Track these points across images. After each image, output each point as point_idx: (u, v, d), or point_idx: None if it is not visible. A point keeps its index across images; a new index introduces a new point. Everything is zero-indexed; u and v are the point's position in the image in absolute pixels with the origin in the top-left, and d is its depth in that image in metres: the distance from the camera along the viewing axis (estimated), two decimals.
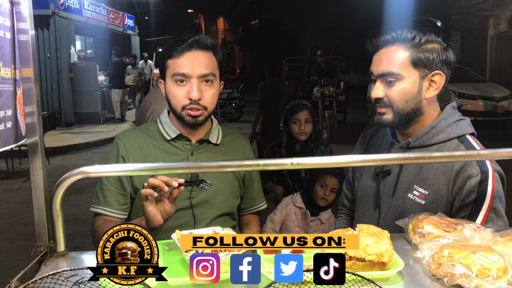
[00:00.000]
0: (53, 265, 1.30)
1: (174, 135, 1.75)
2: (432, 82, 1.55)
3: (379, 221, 1.64)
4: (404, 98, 1.53)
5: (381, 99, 1.55)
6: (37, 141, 1.38)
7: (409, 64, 1.51)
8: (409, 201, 1.57)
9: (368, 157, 1.38)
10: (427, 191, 1.55)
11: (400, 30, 1.52)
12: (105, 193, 1.70)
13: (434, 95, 1.57)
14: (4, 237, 5.05)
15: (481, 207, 1.47)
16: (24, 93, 1.40)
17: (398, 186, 1.60)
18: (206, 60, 1.67)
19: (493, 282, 1.09)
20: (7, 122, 1.45)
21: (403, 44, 1.52)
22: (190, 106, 1.65)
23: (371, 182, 1.69)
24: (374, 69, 1.56)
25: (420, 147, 1.59)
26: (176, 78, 1.65)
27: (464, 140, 1.57)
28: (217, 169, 1.37)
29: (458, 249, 1.17)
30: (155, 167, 1.37)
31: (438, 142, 1.57)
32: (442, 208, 1.52)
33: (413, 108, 1.55)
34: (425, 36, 1.52)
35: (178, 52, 1.66)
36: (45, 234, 1.37)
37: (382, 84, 1.55)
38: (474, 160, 1.50)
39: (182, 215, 1.70)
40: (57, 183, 1.28)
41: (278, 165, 1.45)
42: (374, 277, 1.17)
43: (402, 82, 1.52)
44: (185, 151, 1.75)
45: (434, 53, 1.52)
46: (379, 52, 1.56)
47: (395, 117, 1.55)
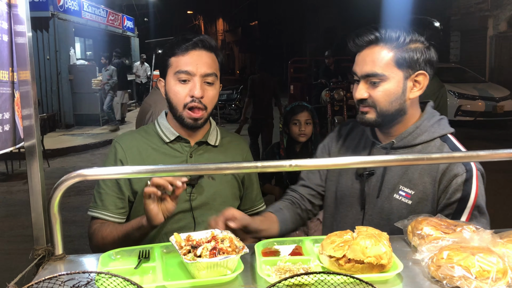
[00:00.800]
0: (51, 268, 1.30)
1: (172, 137, 1.74)
2: (416, 82, 1.54)
3: (363, 222, 1.63)
4: (389, 99, 1.52)
5: (365, 100, 1.54)
6: (34, 144, 1.38)
7: (393, 65, 1.50)
8: (396, 202, 1.57)
9: (367, 159, 1.38)
10: (413, 191, 1.55)
11: (384, 30, 1.51)
12: (102, 197, 1.69)
13: (418, 95, 1.56)
14: (3, 240, 5.05)
15: (465, 205, 1.49)
16: (22, 96, 1.39)
17: (383, 187, 1.59)
18: (209, 60, 1.68)
19: (492, 284, 1.09)
20: (4, 125, 1.44)
21: (387, 44, 1.51)
22: (191, 104, 1.65)
23: (353, 183, 1.66)
24: (358, 69, 1.55)
25: (404, 147, 1.59)
26: (179, 76, 1.65)
27: (447, 140, 1.59)
28: (216, 171, 1.37)
29: (457, 251, 1.16)
30: (153, 169, 1.36)
31: (422, 142, 1.57)
32: (428, 207, 1.54)
33: (397, 109, 1.54)
34: (409, 36, 1.51)
35: (183, 50, 1.66)
36: (43, 237, 1.36)
37: (366, 84, 1.53)
38: (473, 161, 1.49)
39: (182, 218, 1.69)
40: (55, 186, 1.27)
41: (277, 167, 1.44)
42: (373, 279, 1.17)
43: (387, 83, 1.51)
44: (184, 153, 1.74)
45: (418, 53, 1.51)
46: (362, 52, 1.55)
47: (379, 117, 1.54)
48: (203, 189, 1.71)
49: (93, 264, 1.32)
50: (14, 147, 1.50)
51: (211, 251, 1.18)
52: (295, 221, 1.75)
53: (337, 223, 1.71)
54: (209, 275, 1.17)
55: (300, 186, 1.81)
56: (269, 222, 1.65)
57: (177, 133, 1.74)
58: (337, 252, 1.21)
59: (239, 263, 1.22)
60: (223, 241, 1.24)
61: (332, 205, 1.74)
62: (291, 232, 1.74)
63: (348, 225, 1.64)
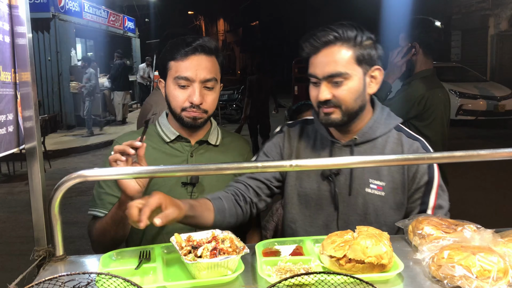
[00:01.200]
0: (52, 269, 1.30)
1: (173, 136, 1.74)
2: (372, 77, 1.58)
3: (338, 221, 1.63)
4: (354, 97, 1.53)
5: (329, 101, 1.53)
6: (35, 145, 1.38)
7: (354, 62, 1.52)
8: (369, 196, 1.60)
9: (367, 159, 1.38)
10: (384, 182, 1.60)
11: (341, 30, 1.52)
12: (101, 196, 1.69)
13: (376, 90, 1.60)
14: (5, 241, 5.05)
15: (432, 186, 1.60)
16: (22, 97, 1.40)
17: (353, 183, 1.60)
18: (209, 64, 1.67)
19: (493, 283, 1.09)
20: (8, 126, 1.44)
21: (345, 43, 1.52)
22: (190, 109, 1.66)
23: (320, 185, 1.64)
24: (318, 71, 1.53)
25: (366, 142, 1.62)
26: (179, 82, 1.65)
27: (401, 129, 1.67)
28: (216, 172, 1.37)
29: (458, 250, 1.16)
30: (153, 170, 1.37)
31: (382, 134, 1.62)
32: (399, 195, 1.60)
33: (360, 105, 1.56)
34: (363, 33, 1.54)
35: (182, 55, 1.65)
36: (43, 238, 1.36)
37: (328, 85, 1.53)
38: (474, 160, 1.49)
39: None
40: (55, 187, 1.28)
41: (277, 167, 1.44)
42: (374, 279, 1.17)
43: (350, 81, 1.52)
44: (185, 153, 1.74)
45: (373, 49, 1.56)
46: (319, 53, 1.53)
47: (345, 115, 1.55)
48: (204, 188, 1.71)
49: (94, 265, 1.32)
50: (18, 148, 1.50)
51: (211, 252, 1.18)
52: (233, 214, 1.63)
53: (306, 227, 1.68)
54: (209, 275, 1.17)
55: (247, 178, 1.73)
56: (202, 209, 1.54)
57: (177, 132, 1.75)
58: (338, 252, 1.21)
59: (239, 263, 1.22)
60: (223, 242, 1.24)
61: (295, 210, 1.69)
62: (229, 226, 1.58)
63: (321, 227, 1.65)
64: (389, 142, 1.62)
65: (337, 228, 1.62)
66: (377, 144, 1.62)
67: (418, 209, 1.59)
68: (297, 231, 1.69)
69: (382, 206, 1.59)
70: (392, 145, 1.62)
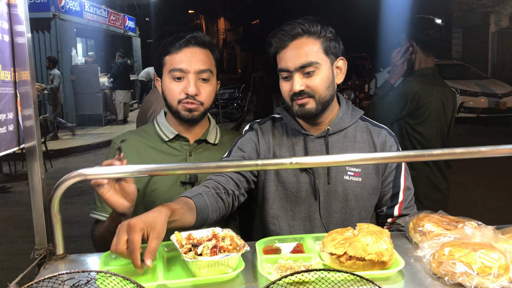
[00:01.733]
0: (52, 268, 1.30)
1: (171, 135, 1.74)
2: (338, 68, 1.66)
3: (320, 210, 1.65)
4: (326, 85, 1.60)
5: (303, 91, 1.59)
6: (34, 144, 1.38)
7: (322, 52, 1.60)
8: (348, 183, 1.65)
9: (367, 156, 1.37)
10: (359, 169, 1.67)
11: (307, 23, 1.59)
12: (101, 198, 1.66)
13: (342, 79, 1.69)
14: (7, 240, 5.07)
15: (401, 169, 1.71)
16: (21, 96, 1.39)
17: (331, 172, 1.66)
18: (203, 56, 1.68)
19: (494, 280, 1.08)
20: (8, 125, 1.44)
21: (311, 36, 1.60)
22: (186, 100, 1.66)
23: (299, 178, 1.65)
24: (290, 64, 1.58)
25: (338, 132, 1.69)
26: (174, 74, 1.66)
27: (365, 119, 1.77)
28: (216, 170, 1.36)
29: (459, 247, 1.16)
30: (153, 168, 1.36)
31: (351, 124, 1.71)
32: (375, 179, 1.68)
33: (331, 94, 1.64)
34: (327, 27, 1.62)
35: (176, 48, 1.67)
36: (44, 237, 1.36)
37: (300, 76, 1.58)
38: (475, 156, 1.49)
39: None
40: (55, 186, 1.27)
41: (278, 165, 1.44)
42: (374, 276, 1.17)
43: (321, 71, 1.59)
44: (183, 152, 1.74)
45: (335, 41, 1.64)
46: (288, 47, 1.60)
47: (319, 104, 1.60)
48: None
49: (95, 263, 1.32)
50: (19, 147, 1.50)
51: (212, 250, 1.18)
52: (216, 210, 1.53)
53: (289, 221, 1.67)
54: (210, 273, 1.16)
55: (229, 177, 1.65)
56: (183, 210, 1.39)
57: (176, 131, 1.75)
58: (338, 250, 1.20)
59: (240, 261, 1.22)
60: (224, 239, 1.24)
61: (276, 206, 1.68)
62: (211, 221, 1.51)
63: (303, 219, 1.66)
64: (358, 131, 1.71)
65: (320, 218, 1.64)
66: (348, 134, 1.69)
67: (391, 191, 1.69)
68: (280, 226, 1.68)
69: (361, 191, 1.66)
70: (361, 133, 1.70)
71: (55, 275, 0.87)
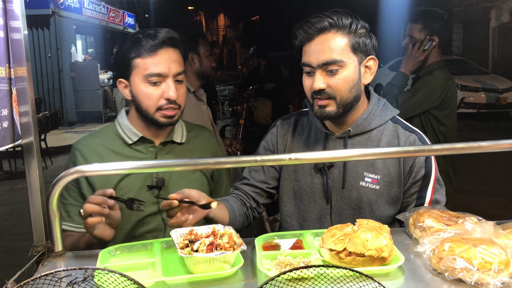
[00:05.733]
0: (51, 265, 1.29)
1: (135, 138, 1.65)
2: (367, 67, 1.54)
3: (331, 215, 1.61)
4: (348, 86, 1.49)
5: (323, 90, 1.49)
6: (32, 141, 1.37)
7: (349, 50, 1.48)
8: (363, 189, 1.56)
9: (365, 151, 1.36)
10: (378, 176, 1.56)
11: (336, 16, 1.48)
12: (67, 208, 1.60)
13: (370, 80, 1.56)
14: (7, 237, 5.07)
15: (429, 180, 1.56)
16: (18, 93, 1.38)
17: (347, 176, 1.57)
18: (177, 57, 1.61)
19: (494, 275, 1.08)
20: (3, 121, 1.43)
21: (339, 31, 1.48)
22: (166, 106, 1.58)
23: (313, 178, 1.62)
24: (313, 59, 1.48)
25: (361, 134, 1.59)
26: (150, 79, 1.56)
27: (398, 121, 1.63)
28: (215, 166, 1.36)
29: (459, 242, 1.15)
30: (152, 165, 1.35)
31: (377, 126, 1.59)
32: (395, 188, 1.56)
33: (355, 96, 1.52)
34: (358, 21, 1.51)
35: (150, 50, 1.56)
36: (42, 234, 1.36)
37: (323, 73, 1.48)
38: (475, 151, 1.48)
39: (151, 221, 1.63)
40: (53, 183, 1.27)
41: (276, 161, 1.43)
42: (374, 272, 1.16)
43: (345, 70, 1.48)
44: (148, 155, 1.66)
45: (368, 38, 1.52)
46: (313, 41, 1.49)
47: (340, 107, 1.51)
48: (171, 190, 1.62)
49: (93, 260, 1.32)
50: (13, 144, 1.49)
51: (208, 246, 1.18)
52: (242, 214, 1.65)
53: (300, 221, 1.67)
54: (206, 269, 1.16)
55: (243, 185, 1.74)
56: (223, 210, 1.56)
57: (140, 134, 1.65)
58: (338, 246, 1.20)
59: (239, 257, 1.21)
60: (222, 237, 1.23)
61: (291, 204, 1.68)
62: (240, 225, 1.63)
63: (314, 221, 1.63)
64: (385, 135, 1.58)
65: (331, 222, 1.60)
66: (372, 137, 1.58)
67: (414, 203, 1.57)
68: (293, 224, 1.68)
69: (377, 200, 1.56)
70: (388, 137, 1.58)
71: (51, 272, 0.87)
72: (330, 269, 1.04)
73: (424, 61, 2.69)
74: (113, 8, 16.97)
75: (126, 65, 1.60)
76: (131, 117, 1.68)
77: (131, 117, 1.69)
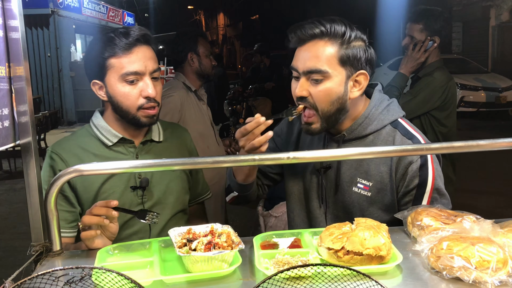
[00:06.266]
0: (49, 264, 1.29)
1: (115, 139, 1.63)
2: (356, 82, 1.49)
3: (326, 216, 1.62)
4: (330, 99, 1.45)
5: (305, 99, 1.47)
6: (30, 141, 1.36)
7: (337, 62, 1.44)
8: (355, 195, 1.54)
9: (363, 150, 1.36)
10: (371, 183, 1.53)
11: (329, 24, 1.44)
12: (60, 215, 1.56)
13: (358, 95, 1.51)
14: (7, 237, 5.07)
15: (424, 190, 1.50)
16: (16, 92, 1.38)
17: (340, 181, 1.56)
18: (152, 54, 1.60)
19: (492, 274, 1.08)
20: (4, 121, 1.43)
21: (331, 40, 1.44)
22: (147, 105, 1.56)
23: (312, 178, 1.63)
24: (300, 65, 1.47)
25: (355, 139, 1.56)
26: (127, 78, 1.54)
27: (398, 125, 1.56)
28: (213, 165, 1.35)
29: (457, 241, 1.15)
30: (150, 164, 1.35)
31: (373, 131, 1.54)
32: (388, 196, 1.53)
33: (338, 109, 1.48)
34: (353, 32, 1.46)
35: (124, 49, 1.54)
36: (40, 233, 1.36)
37: (307, 82, 1.46)
38: (473, 150, 1.48)
39: (136, 222, 1.61)
40: (51, 182, 1.27)
41: (275, 159, 1.43)
42: (372, 271, 1.16)
43: (329, 81, 1.44)
44: (129, 155, 1.65)
45: (361, 51, 1.47)
46: (304, 46, 1.47)
47: (323, 122, 1.49)
48: (154, 190, 1.65)
49: (91, 259, 1.32)
50: (15, 143, 1.49)
51: (206, 245, 1.18)
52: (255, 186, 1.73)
53: (302, 217, 1.69)
54: (204, 268, 1.16)
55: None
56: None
57: (120, 134, 1.63)
58: (336, 244, 1.20)
59: (237, 256, 1.21)
60: (220, 236, 1.23)
61: (294, 201, 1.71)
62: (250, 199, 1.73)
63: (312, 220, 1.65)
64: (380, 140, 1.54)
65: (326, 222, 1.61)
66: (366, 142, 1.55)
67: None
68: (294, 219, 1.71)
69: (368, 206, 1.54)
70: (382, 143, 1.53)
71: (48, 271, 0.87)
72: (328, 268, 1.04)
73: (423, 61, 2.68)
74: (112, 7, 16.97)
75: (100, 66, 1.57)
76: (108, 118, 1.66)
77: (107, 118, 1.66)
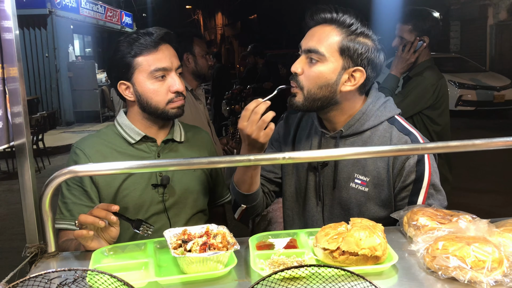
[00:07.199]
0: (44, 266, 1.29)
1: (138, 137, 1.66)
2: (352, 77, 1.50)
3: (323, 213, 1.62)
4: (319, 82, 1.48)
5: (297, 76, 1.50)
6: (24, 142, 1.36)
7: (336, 49, 1.47)
8: (353, 191, 1.56)
9: (359, 150, 1.36)
10: (368, 178, 1.54)
11: (341, 13, 1.48)
12: (69, 207, 1.59)
13: (349, 90, 1.51)
14: (5, 238, 5.06)
15: (421, 185, 1.51)
16: (10, 93, 1.38)
17: (337, 177, 1.57)
18: (174, 51, 1.66)
19: (488, 274, 1.07)
20: None
21: (339, 27, 1.48)
22: (176, 99, 1.62)
23: (309, 176, 1.64)
24: (304, 43, 1.52)
25: (353, 135, 1.57)
26: (156, 74, 1.59)
27: (394, 121, 1.58)
28: (208, 166, 1.35)
29: (453, 241, 1.15)
30: (148, 164, 1.34)
31: (370, 127, 1.55)
32: (385, 192, 1.54)
33: (326, 96, 1.49)
34: (362, 27, 1.49)
35: (151, 47, 1.59)
36: (35, 235, 1.35)
37: (305, 60, 1.50)
38: (469, 150, 1.47)
39: (157, 220, 1.64)
40: (46, 183, 1.26)
41: (270, 160, 1.43)
42: (368, 271, 1.16)
43: (323, 65, 1.47)
44: (151, 153, 1.67)
45: (364, 48, 1.48)
46: (315, 28, 1.52)
47: (306, 100, 1.50)
48: (175, 188, 1.67)
49: (86, 261, 1.31)
50: (9, 144, 1.48)
51: (201, 246, 1.17)
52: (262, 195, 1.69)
53: (299, 216, 1.69)
54: (199, 270, 1.16)
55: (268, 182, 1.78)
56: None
57: (143, 132, 1.67)
58: (331, 245, 1.19)
59: (232, 257, 1.21)
60: (215, 237, 1.23)
61: (292, 199, 1.71)
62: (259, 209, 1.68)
63: (308, 218, 1.65)
64: (377, 136, 1.55)
65: (323, 221, 1.61)
66: (364, 138, 1.56)
67: None
68: (293, 218, 1.71)
69: (366, 202, 1.55)
70: (380, 139, 1.54)
71: (41, 273, 0.86)
72: (322, 269, 1.04)
73: (414, 62, 2.69)
74: (110, 7, 16.95)
75: (127, 66, 1.61)
76: (131, 117, 1.69)
77: (131, 117, 1.70)
